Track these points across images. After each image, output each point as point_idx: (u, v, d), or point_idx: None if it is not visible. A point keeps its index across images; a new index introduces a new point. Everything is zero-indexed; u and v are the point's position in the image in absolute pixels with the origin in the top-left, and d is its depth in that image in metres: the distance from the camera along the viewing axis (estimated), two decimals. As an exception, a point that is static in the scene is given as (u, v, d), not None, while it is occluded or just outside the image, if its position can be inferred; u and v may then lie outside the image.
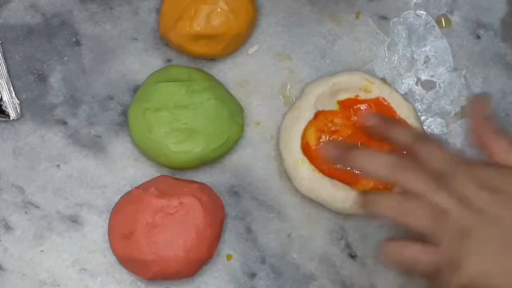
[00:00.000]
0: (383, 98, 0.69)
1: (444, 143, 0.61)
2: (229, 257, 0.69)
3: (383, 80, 0.72)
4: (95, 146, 0.71)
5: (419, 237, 0.57)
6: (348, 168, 0.66)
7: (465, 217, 0.56)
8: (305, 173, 0.68)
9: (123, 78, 0.72)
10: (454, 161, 0.58)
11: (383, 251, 0.58)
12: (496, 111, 0.71)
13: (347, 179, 0.68)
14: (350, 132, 0.69)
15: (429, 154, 0.58)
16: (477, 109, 0.62)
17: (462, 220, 0.56)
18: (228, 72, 0.72)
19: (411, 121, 0.69)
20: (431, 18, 0.73)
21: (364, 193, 0.60)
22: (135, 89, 0.72)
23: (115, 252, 0.68)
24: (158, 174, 0.70)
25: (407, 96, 0.72)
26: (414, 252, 0.57)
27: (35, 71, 0.72)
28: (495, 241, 0.55)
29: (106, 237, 0.69)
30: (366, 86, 0.69)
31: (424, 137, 0.62)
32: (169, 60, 0.72)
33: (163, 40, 0.72)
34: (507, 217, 0.56)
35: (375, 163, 0.58)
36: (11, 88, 0.71)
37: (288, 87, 0.72)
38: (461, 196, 0.56)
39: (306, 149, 0.68)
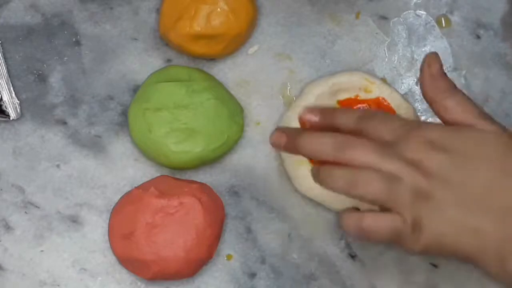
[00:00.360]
0: (383, 98, 0.69)
1: (391, 115, 0.61)
2: (229, 257, 0.69)
3: (383, 80, 0.72)
4: (95, 146, 0.71)
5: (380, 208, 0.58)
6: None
7: (418, 180, 0.56)
8: (305, 173, 0.68)
9: (123, 78, 0.72)
10: (403, 128, 0.58)
11: (343, 222, 0.58)
12: (496, 111, 0.71)
13: None
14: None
15: (377, 129, 0.58)
16: (428, 67, 0.61)
17: (416, 183, 0.56)
18: (228, 72, 0.72)
19: None
20: (431, 18, 0.73)
21: (317, 167, 0.60)
22: (135, 89, 0.72)
23: (115, 252, 0.68)
24: (158, 174, 0.70)
25: (407, 96, 0.72)
26: (371, 220, 0.57)
27: (35, 71, 0.72)
28: (451, 201, 0.56)
29: (106, 237, 0.69)
30: (366, 86, 0.69)
31: (368, 114, 0.61)
32: (169, 60, 0.72)
33: (163, 40, 0.72)
34: (459, 176, 0.56)
35: (320, 145, 0.58)
36: (11, 88, 0.71)
37: (288, 87, 0.72)
38: (412, 160, 0.56)
39: None
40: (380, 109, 0.69)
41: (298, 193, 0.70)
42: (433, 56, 0.61)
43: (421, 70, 0.61)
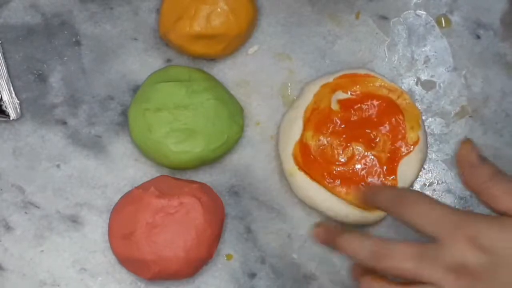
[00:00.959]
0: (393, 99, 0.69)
1: (432, 198, 0.57)
2: (229, 257, 0.69)
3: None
4: (95, 146, 0.71)
5: None
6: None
7: (461, 287, 0.53)
8: (300, 181, 0.68)
9: (123, 78, 0.72)
10: (446, 221, 0.54)
11: None
12: (496, 111, 0.71)
13: (345, 182, 0.68)
14: (349, 132, 0.68)
15: (419, 216, 0.55)
16: (466, 155, 0.57)
17: None
18: (228, 72, 0.72)
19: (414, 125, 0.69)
20: (431, 18, 0.73)
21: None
22: (135, 89, 0.72)
23: (115, 252, 0.68)
24: (158, 174, 0.70)
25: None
26: None
27: (35, 71, 0.72)
28: None
29: (106, 237, 0.69)
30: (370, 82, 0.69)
31: (407, 194, 0.58)
32: (169, 60, 0.72)
33: (163, 40, 0.72)
34: (506, 278, 0.53)
35: (358, 249, 0.55)
36: (11, 88, 0.71)
37: (288, 87, 0.72)
38: (455, 264, 0.53)
39: (304, 150, 0.68)
40: (386, 109, 0.69)
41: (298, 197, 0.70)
42: (468, 144, 0.57)
43: (458, 160, 0.57)
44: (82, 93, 0.72)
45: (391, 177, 0.67)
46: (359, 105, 0.69)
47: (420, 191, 0.66)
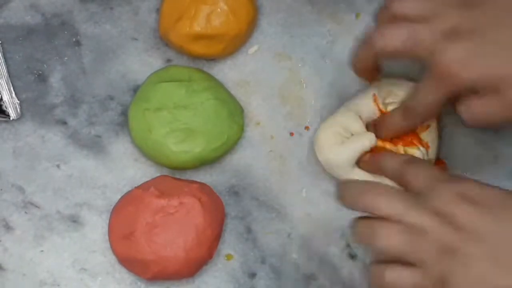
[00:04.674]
0: None
1: (432, 164, 0.61)
2: (229, 257, 0.69)
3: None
4: (95, 146, 0.71)
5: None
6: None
7: (446, 234, 0.54)
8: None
9: (123, 78, 0.72)
10: (436, 178, 0.57)
11: (369, 279, 0.58)
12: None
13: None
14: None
15: (414, 174, 0.58)
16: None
17: (443, 237, 0.54)
18: (228, 72, 0.72)
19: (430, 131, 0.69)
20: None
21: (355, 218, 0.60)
22: (135, 89, 0.72)
23: (115, 252, 0.68)
24: (158, 174, 0.70)
25: (407, 96, 0.72)
26: (394, 276, 0.56)
27: (35, 71, 0.72)
28: (481, 257, 0.53)
29: (106, 237, 0.69)
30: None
31: (411, 160, 0.62)
32: (169, 60, 0.72)
33: (163, 40, 0.72)
34: (490, 231, 0.54)
35: (351, 189, 0.59)
36: (11, 88, 0.71)
37: (288, 87, 0.72)
38: (440, 211, 0.55)
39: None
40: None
41: (298, 193, 0.70)
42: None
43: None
44: (82, 93, 0.72)
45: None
46: None
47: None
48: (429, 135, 0.68)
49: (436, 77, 0.59)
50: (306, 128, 0.72)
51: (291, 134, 0.72)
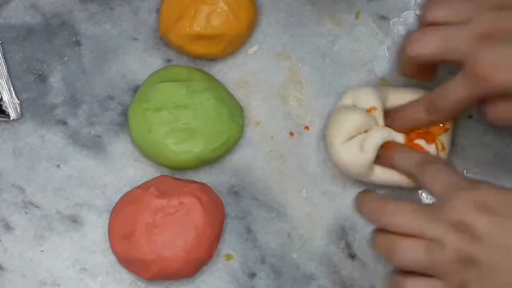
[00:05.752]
0: None
1: (449, 165, 0.61)
2: (229, 257, 0.69)
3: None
4: (95, 146, 0.71)
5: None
6: None
7: (464, 244, 0.54)
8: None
9: (123, 78, 0.72)
10: (454, 185, 0.57)
11: (387, 285, 0.58)
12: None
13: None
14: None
15: (431, 178, 0.58)
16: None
17: (461, 248, 0.54)
18: (228, 72, 0.72)
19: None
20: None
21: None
22: (135, 89, 0.72)
23: (115, 252, 0.68)
24: (158, 174, 0.70)
25: (407, 96, 0.72)
26: (413, 287, 0.56)
27: (35, 71, 0.72)
28: (501, 267, 0.53)
29: (106, 237, 0.69)
30: None
31: (428, 160, 0.61)
32: (169, 60, 0.72)
33: (163, 40, 0.72)
34: (509, 241, 0.54)
35: (366, 208, 0.59)
36: (11, 88, 0.71)
37: (288, 87, 0.72)
38: (458, 223, 0.54)
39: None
40: None
41: (299, 193, 0.70)
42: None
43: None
44: (82, 93, 0.72)
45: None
46: None
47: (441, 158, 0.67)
48: (446, 138, 0.68)
49: (470, 78, 0.59)
50: (306, 128, 0.72)
51: (291, 134, 0.72)
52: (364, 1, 0.73)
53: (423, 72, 0.66)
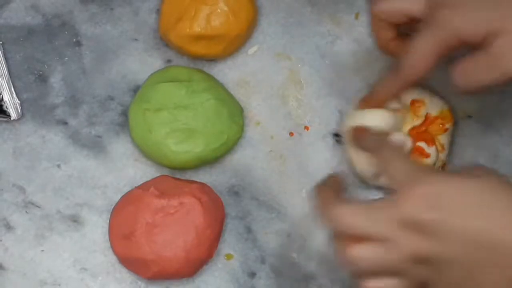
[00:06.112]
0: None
1: (407, 154, 0.60)
2: (229, 257, 0.69)
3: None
4: (95, 146, 0.71)
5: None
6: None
7: (417, 244, 0.53)
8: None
9: (124, 79, 0.72)
10: (409, 176, 0.55)
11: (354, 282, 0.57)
12: (496, 111, 0.71)
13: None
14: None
15: (388, 163, 0.57)
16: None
17: (414, 247, 0.53)
18: (228, 72, 0.72)
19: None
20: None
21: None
22: (136, 90, 0.72)
23: (115, 252, 0.68)
24: (158, 174, 0.70)
25: (407, 96, 0.72)
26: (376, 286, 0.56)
27: (35, 72, 0.72)
28: (457, 263, 0.53)
29: (106, 237, 0.69)
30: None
31: (386, 144, 0.61)
32: (169, 61, 0.72)
33: (163, 41, 0.72)
34: (459, 230, 0.52)
35: (329, 217, 0.57)
36: (12, 89, 0.71)
37: (288, 87, 0.72)
38: (409, 220, 0.53)
39: None
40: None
41: (299, 192, 0.70)
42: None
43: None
44: (82, 93, 0.72)
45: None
46: None
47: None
48: (445, 138, 0.68)
49: (433, 28, 0.60)
50: (306, 128, 0.72)
51: (291, 134, 0.72)
52: (364, 2, 0.73)
53: (399, 45, 0.66)
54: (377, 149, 0.60)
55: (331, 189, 0.59)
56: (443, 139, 0.68)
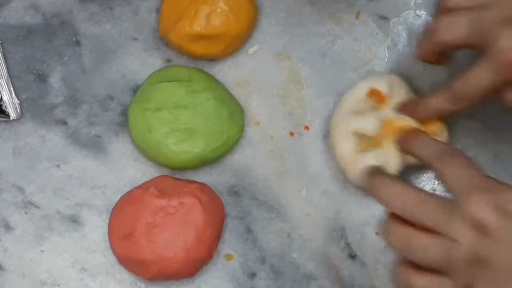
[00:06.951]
0: None
1: (471, 161, 0.58)
2: (229, 257, 0.69)
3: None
4: (95, 146, 0.71)
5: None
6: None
7: (479, 246, 0.53)
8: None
9: (123, 78, 0.72)
10: (474, 183, 0.55)
11: (394, 278, 0.57)
12: (496, 111, 0.71)
13: None
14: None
15: (451, 173, 0.57)
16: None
17: (476, 249, 0.53)
18: (228, 72, 0.72)
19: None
20: (431, 18, 0.73)
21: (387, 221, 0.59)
22: (135, 89, 0.72)
23: (115, 252, 0.68)
24: (158, 174, 0.70)
25: (407, 96, 0.72)
26: (424, 284, 0.56)
27: (35, 71, 0.72)
28: (509, 273, 0.53)
29: (106, 237, 0.69)
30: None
31: (448, 152, 0.59)
32: (169, 60, 0.72)
33: (163, 40, 0.72)
34: None
35: (393, 200, 0.57)
36: (11, 88, 0.71)
37: (288, 87, 0.72)
38: (475, 221, 0.54)
39: None
40: None
41: (299, 192, 0.70)
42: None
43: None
44: (82, 93, 0.72)
45: None
46: None
47: (461, 150, 0.66)
48: (440, 135, 0.68)
49: (495, 63, 0.59)
50: (306, 128, 0.72)
51: (291, 134, 0.72)
52: (364, 1, 0.73)
53: (442, 58, 0.66)
54: (436, 157, 0.59)
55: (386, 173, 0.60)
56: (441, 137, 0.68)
